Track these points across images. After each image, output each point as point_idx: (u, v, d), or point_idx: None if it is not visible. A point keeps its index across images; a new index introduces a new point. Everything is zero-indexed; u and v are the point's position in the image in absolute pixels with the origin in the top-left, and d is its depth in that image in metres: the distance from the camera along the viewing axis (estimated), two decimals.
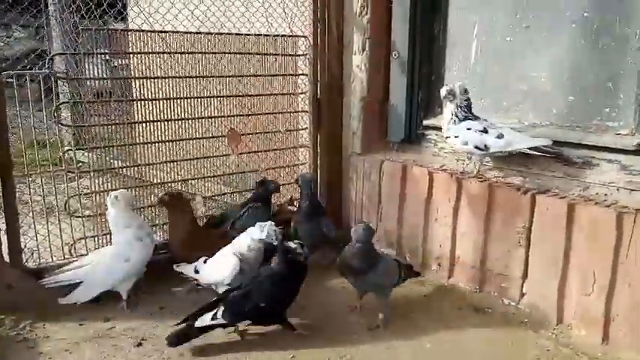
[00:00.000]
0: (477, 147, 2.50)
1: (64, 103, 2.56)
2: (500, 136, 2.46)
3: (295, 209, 3.04)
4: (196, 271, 2.38)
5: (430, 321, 2.37)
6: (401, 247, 2.99)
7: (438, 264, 2.80)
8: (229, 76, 3.01)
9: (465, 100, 2.57)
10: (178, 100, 2.88)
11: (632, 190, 2.24)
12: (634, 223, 2.05)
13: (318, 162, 3.27)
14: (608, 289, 2.13)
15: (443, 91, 2.60)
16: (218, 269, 2.33)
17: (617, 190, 2.29)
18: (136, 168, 2.91)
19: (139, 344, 2.10)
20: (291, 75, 3.20)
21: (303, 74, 3.20)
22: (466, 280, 2.67)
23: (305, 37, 3.16)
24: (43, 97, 2.48)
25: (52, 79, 2.47)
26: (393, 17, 3.10)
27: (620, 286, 2.10)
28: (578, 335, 2.23)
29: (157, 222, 2.88)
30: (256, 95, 3.11)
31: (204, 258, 2.40)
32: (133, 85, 3.04)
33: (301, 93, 3.23)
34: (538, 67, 2.63)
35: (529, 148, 2.44)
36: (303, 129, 3.25)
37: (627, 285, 2.08)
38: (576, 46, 2.49)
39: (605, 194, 2.32)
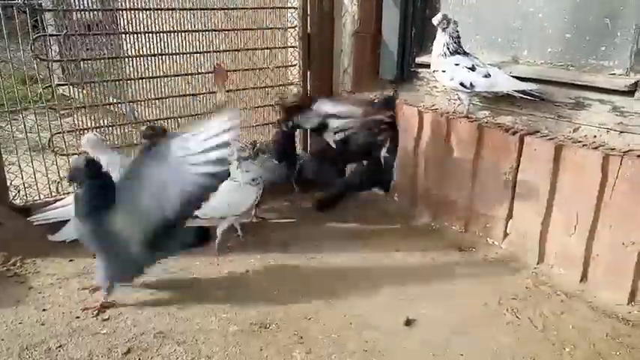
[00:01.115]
0: (462, 84, 2.45)
1: (41, 35, 2.45)
2: (487, 76, 2.41)
3: None
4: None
5: (413, 258, 2.42)
6: (396, 187, 2.99)
7: (424, 204, 2.82)
8: (214, 9, 2.88)
9: (456, 31, 2.48)
10: (163, 36, 2.77)
11: (622, 132, 2.21)
12: (620, 165, 2.03)
13: None
14: (589, 230, 2.15)
15: (437, 17, 2.52)
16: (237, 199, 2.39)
17: (607, 131, 2.26)
18: (126, 104, 2.84)
19: None
20: (280, 8, 3.07)
21: (292, 7, 3.07)
22: (453, 220, 2.70)
23: None
24: (30, 30, 2.38)
25: (28, 10, 2.36)
26: None
27: (601, 228, 2.12)
28: (557, 274, 2.28)
29: None
30: (243, 29, 2.99)
31: None
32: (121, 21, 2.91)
33: (291, 27, 3.11)
34: (535, 2, 2.52)
35: (515, 91, 2.40)
36: (292, 65, 3.16)
37: (609, 227, 2.09)
38: None
39: (595, 136, 2.29)
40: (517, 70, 2.55)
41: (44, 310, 1.96)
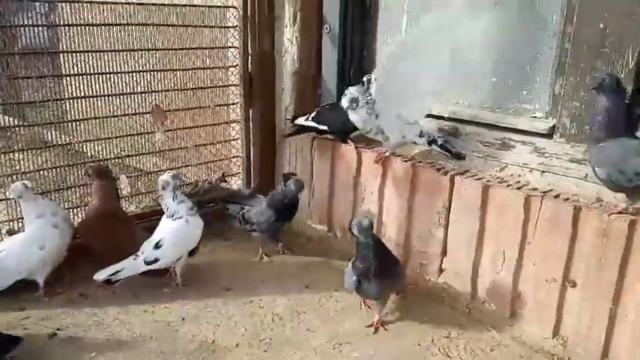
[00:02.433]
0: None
1: None
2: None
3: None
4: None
5: (351, 297, 2.43)
6: (332, 224, 3.04)
7: None
8: (151, 50, 2.87)
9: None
10: (105, 76, 2.73)
11: (543, 171, 2.33)
12: (540, 206, 2.14)
13: (251, 137, 3.23)
14: (515, 268, 2.24)
15: (345, 100, 2.57)
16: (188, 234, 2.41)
17: (531, 171, 2.38)
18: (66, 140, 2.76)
19: (54, 334, 2.07)
20: (220, 48, 3.09)
21: (233, 47, 3.10)
22: None
23: (235, 7, 3.04)
24: None
25: None
26: None
27: (526, 265, 2.21)
28: (488, 310, 2.35)
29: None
30: (183, 70, 2.99)
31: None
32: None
33: (231, 66, 3.14)
34: (464, 46, 2.63)
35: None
36: (234, 104, 3.18)
37: (532, 264, 2.19)
38: (499, 26, 2.50)
39: (520, 175, 2.40)
40: (447, 110, 2.67)
41: None
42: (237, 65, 3.12)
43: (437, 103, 2.74)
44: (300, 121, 2.98)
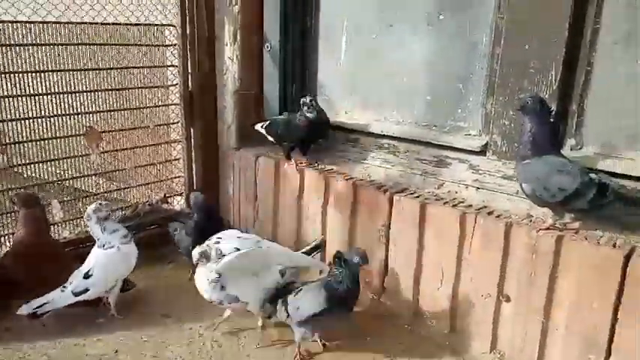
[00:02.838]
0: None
1: None
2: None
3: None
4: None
5: None
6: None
7: None
8: (84, 70, 2.79)
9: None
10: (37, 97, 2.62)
11: (479, 188, 2.39)
12: (475, 222, 2.18)
13: (193, 157, 3.17)
14: (453, 283, 2.28)
15: (195, 254, 2.17)
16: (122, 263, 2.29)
17: (467, 188, 2.43)
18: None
19: None
20: (158, 67, 3.03)
21: (172, 65, 3.05)
22: None
23: (173, 26, 2.99)
24: None
25: None
26: (264, 8, 3.02)
27: (463, 281, 2.25)
28: (430, 326, 2.37)
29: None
30: (120, 89, 2.91)
31: None
32: None
33: (171, 85, 3.08)
34: (401, 66, 2.69)
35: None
36: (174, 123, 3.12)
37: (469, 280, 2.23)
38: (433, 47, 2.57)
39: (456, 192, 2.45)
40: (387, 128, 2.71)
41: None
42: (177, 84, 3.06)
43: (377, 122, 2.78)
44: (258, 126, 2.95)
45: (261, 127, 2.92)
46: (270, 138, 2.88)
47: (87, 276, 2.20)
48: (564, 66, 2.11)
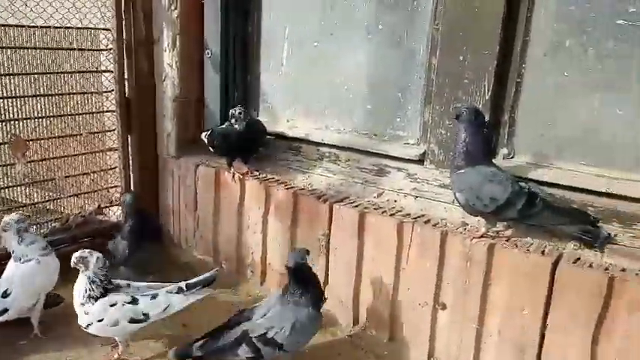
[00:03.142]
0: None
1: None
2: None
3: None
4: None
5: None
6: (217, 254, 2.92)
7: (251, 271, 2.79)
8: (10, 75, 2.64)
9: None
10: None
11: (417, 196, 2.40)
12: (412, 231, 2.19)
13: (130, 166, 3.04)
14: (392, 292, 2.27)
15: (73, 259, 2.05)
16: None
17: (405, 196, 2.44)
18: None
19: None
20: (92, 72, 2.91)
21: (108, 71, 2.92)
22: (278, 286, 2.69)
23: (108, 29, 2.88)
24: None
25: None
26: (205, 13, 2.95)
27: (401, 290, 2.25)
28: (369, 336, 2.36)
29: None
30: (49, 95, 2.77)
31: None
32: None
33: (107, 92, 2.95)
34: (341, 74, 2.69)
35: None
36: (110, 130, 2.99)
37: (407, 289, 2.23)
38: (373, 56, 2.58)
39: (395, 200, 2.46)
40: (328, 137, 2.69)
41: None
42: (113, 90, 2.94)
43: (319, 130, 2.76)
44: (202, 135, 2.85)
45: (204, 135, 2.84)
46: (210, 148, 2.81)
47: (5, 295, 2.06)
48: (496, 77, 2.16)
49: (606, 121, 2.03)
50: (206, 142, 2.81)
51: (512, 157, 2.26)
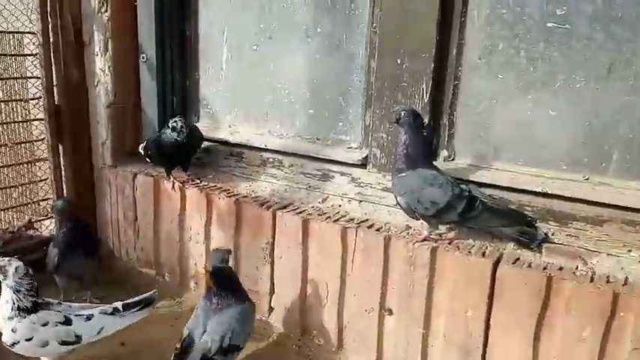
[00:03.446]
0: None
1: None
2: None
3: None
4: None
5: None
6: (159, 266, 2.81)
7: (195, 282, 2.70)
8: None
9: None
10: None
11: (361, 201, 2.38)
12: (355, 237, 2.16)
13: (63, 177, 2.87)
14: (338, 300, 2.24)
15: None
16: None
17: (349, 201, 2.41)
18: None
19: None
20: (17, 78, 2.73)
21: (34, 77, 2.75)
22: None
23: (33, 33, 2.70)
24: None
25: None
26: (138, 15, 2.82)
27: (347, 297, 2.22)
28: (317, 345, 2.32)
29: None
30: None
31: None
32: None
33: (34, 99, 2.78)
34: (282, 78, 2.64)
35: None
36: (39, 140, 2.82)
37: (353, 295, 2.20)
38: (313, 59, 2.54)
39: (340, 205, 2.43)
40: (271, 142, 2.63)
41: None
42: (41, 98, 2.76)
43: (261, 135, 2.70)
44: (140, 147, 2.73)
45: (141, 148, 2.72)
46: (147, 159, 2.68)
47: None
48: (434, 80, 2.16)
49: (540, 121, 2.07)
50: (142, 153, 2.69)
51: (452, 159, 2.27)
